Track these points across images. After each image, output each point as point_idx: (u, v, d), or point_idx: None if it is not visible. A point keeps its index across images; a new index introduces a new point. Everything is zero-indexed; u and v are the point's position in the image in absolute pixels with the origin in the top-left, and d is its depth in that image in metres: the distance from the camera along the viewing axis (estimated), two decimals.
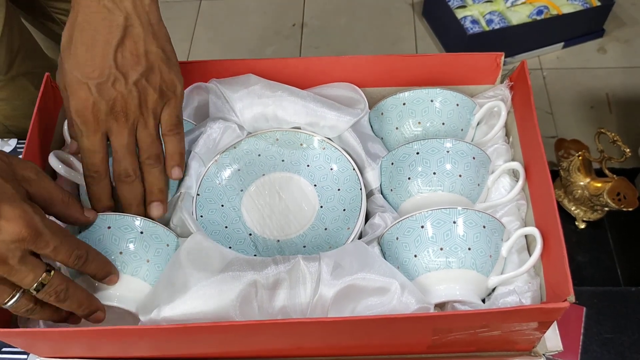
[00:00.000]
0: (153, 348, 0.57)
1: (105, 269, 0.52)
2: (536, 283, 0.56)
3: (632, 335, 0.73)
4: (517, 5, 1.81)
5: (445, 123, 0.65)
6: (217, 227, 0.62)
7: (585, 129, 1.63)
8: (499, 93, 0.67)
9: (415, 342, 0.57)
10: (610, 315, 0.75)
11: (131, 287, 0.55)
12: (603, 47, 1.84)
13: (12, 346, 0.65)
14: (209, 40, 1.46)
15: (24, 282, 0.44)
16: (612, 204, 0.86)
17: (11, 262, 0.42)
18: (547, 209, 0.55)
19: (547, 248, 0.54)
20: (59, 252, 0.46)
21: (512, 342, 0.57)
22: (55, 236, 0.45)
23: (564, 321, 0.62)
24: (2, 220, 0.41)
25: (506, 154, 0.65)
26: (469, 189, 0.61)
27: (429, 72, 0.68)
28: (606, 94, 1.72)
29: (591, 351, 0.71)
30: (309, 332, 0.53)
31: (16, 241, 0.42)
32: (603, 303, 0.76)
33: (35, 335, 0.54)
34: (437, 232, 0.55)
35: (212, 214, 0.62)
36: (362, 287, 0.53)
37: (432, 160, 0.60)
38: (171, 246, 0.57)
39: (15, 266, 0.43)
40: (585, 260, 0.92)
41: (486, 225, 0.55)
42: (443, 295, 0.55)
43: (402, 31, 1.94)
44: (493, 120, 0.67)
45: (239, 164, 0.66)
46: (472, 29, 1.75)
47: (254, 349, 0.59)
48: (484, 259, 0.55)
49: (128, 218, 0.55)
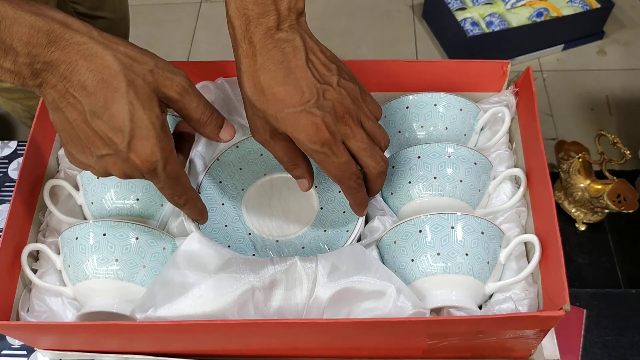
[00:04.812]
0: (151, 344, 0.58)
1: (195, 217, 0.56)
2: (533, 290, 0.56)
3: (632, 337, 0.73)
4: (517, 7, 1.81)
5: (449, 128, 0.65)
6: (216, 225, 0.62)
7: (585, 131, 1.63)
8: (503, 99, 0.67)
9: (410, 346, 0.57)
10: (611, 317, 0.75)
11: (129, 293, 0.55)
12: (603, 49, 1.84)
13: (10, 349, 0.65)
14: (209, 42, 1.46)
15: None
16: (613, 206, 0.86)
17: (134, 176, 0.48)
18: (547, 216, 0.55)
19: (546, 256, 0.54)
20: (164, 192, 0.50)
21: (509, 349, 0.57)
22: (168, 179, 0.48)
23: (564, 324, 0.62)
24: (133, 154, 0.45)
25: (509, 160, 0.65)
26: (470, 195, 0.61)
27: (434, 78, 0.68)
28: (606, 96, 1.72)
29: (591, 353, 0.71)
30: (304, 333, 0.54)
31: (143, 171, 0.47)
32: (603, 305, 0.76)
33: (35, 329, 0.55)
34: (435, 237, 0.55)
35: (212, 212, 0.62)
36: (358, 290, 0.53)
37: (433, 164, 0.60)
38: (168, 249, 0.57)
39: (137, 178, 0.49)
40: (585, 262, 0.91)
41: (485, 231, 0.55)
42: (439, 301, 0.55)
43: (402, 33, 1.94)
44: (497, 126, 0.67)
45: (241, 163, 0.66)
46: (472, 31, 1.75)
47: (250, 347, 0.59)
48: (482, 265, 0.55)
49: (123, 224, 0.56)
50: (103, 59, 0.43)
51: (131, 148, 0.45)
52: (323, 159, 0.51)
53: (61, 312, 0.58)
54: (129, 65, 0.44)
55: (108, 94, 0.43)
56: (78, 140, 0.46)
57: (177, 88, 0.47)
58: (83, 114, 0.44)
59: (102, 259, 0.55)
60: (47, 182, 0.63)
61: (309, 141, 0.49)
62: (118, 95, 0.43)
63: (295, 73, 0.49)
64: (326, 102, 0.49)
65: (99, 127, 0.44)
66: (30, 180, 0.62)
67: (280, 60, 0.48)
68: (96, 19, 1.10)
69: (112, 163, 0.46)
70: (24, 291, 0.60)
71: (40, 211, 0.64)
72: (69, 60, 0.43)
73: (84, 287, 0.56)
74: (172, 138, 0.48)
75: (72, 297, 0.59)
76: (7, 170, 0.79)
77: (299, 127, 0.49)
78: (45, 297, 0.59)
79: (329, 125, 0.49)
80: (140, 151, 0.45)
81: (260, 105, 0.49)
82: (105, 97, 0.43)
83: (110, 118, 0.44)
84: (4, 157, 0.80)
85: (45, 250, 0.59)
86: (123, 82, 0.43)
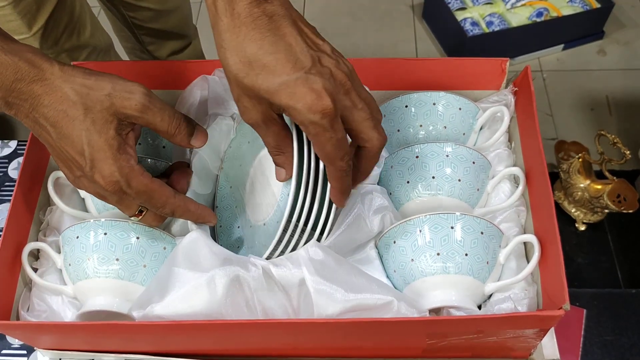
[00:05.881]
0: (150, 343, 0.58)
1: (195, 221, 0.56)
2: (533, 290, 0.56)
3: (632, 337, 0.73)
4: (517, 7, 1.81)
5: (448, 127, 0.65)
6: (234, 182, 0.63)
7: (585, 131, 1.63)
8: (502, 98, 0.67)
9: (410, 346, 0.57)
10: (611, 317, 0.74)
11: (129, 292, 0.56)
12: (603, 49, 1.84)
13: (10, 348, 0.65)
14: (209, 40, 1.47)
15: (127, 213, 0.52)
16: (612, 206, 0.86)
17: (110, 201, 0.51)
18: (546, 216, 0.55)
19: (545, 255, 0.54)
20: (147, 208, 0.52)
21: (508, 349, 0.57)
22: (139, 195, 0.50)
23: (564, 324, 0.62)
24: (97, 176, 0.48)
25: (508, 160, 0.65)
26: (468, 194, 0.61)
27: (433, 76, 0.68)
28: (606, 96, 1.71)
29: (591, 353, 0.71)
30: (303, 333, 0.54)
31: (110, 192, 0.49)
32: (603, 305, 0.76)
33: (36, 328, 0.55)
34: (435, 237, 0.55)
35: (234, 170, 0.62)
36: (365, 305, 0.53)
37: (432, 164, 0.60)
38: (168, 249, 0.57)
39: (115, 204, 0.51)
40: (585, 262, 0.91)
41: (484, 231, 0.55)
42: (439, 301, 0.55)
43: (402, 33, 1.94)
44: (496, 125, 0.67)
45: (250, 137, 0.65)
46: (472, 31, 1.75)
47: (249, 347, 0.59)
48: (481, 265, 0.55)
49: (123, 224, 0.56)
50: (62, 91, 0.47)
51: (94, 170, 0.48)
52: (320, 133, 0.45)
53: (61, 311, 0.59)
54: (86, 95, 0.47)
55: (68, 122, 0.47)
56: (61, 161, 0.50)
57: (137, 107, 0.48)
58: (54, 140, 0.48)
59: (103, 258, 0.55)
60: (51, 174, 0.63)
61: (308, 110, 0.44)
62: (77, 123, 0.47)
63: (285, 40, 0.44)
64: (324, 69, 0.45)
65: (67, 151, 0.48)
66: (31, 179, 0.63)
67: (268, 29, 0.44)
68: (139, 9, 1.11)
69: (86, 184, 0.50)
70: (24, 290, 0.60)
71: (41, 210, 0.64)
72: (34, 95, 0.47)
73: (85, 286, 0.56)
74: (132, 156, 0.49)
75: (72, 296, 0.59)
76: (7, 170, 0.79)
77: (297, 95, 0.44)
78: (46, 296, 0.59)
79: (330, 92, 0.44)
80: (102, 172, 0.48)
81: (249, 81, 0.44)
82: (66, 125, 0.47)
83: (72, 144, 0.48)
84: (4, 157, 0.80)
85: (46, 249, 0.59)
86: (80, 110, 0.47)
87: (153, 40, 1.24)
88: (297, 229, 0.53)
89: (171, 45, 1.27)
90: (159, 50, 1.27)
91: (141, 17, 1.16)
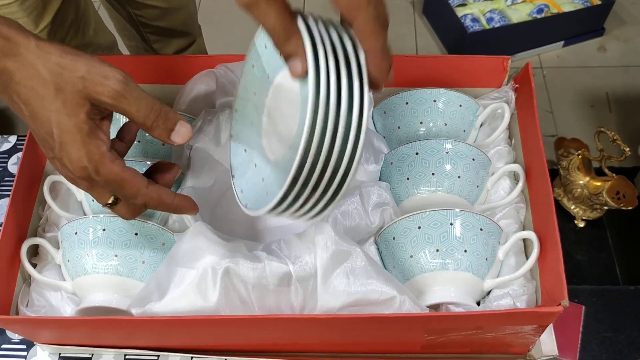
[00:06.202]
0: (150, 339, 0.58)
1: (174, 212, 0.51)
2: (532, 287, 0.56)
3: (630, 334, 0.73)
4: (517, 3, 1.80)
5: (448, 124, 0.65)
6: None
7: (585, 128, 1.63)
8: (503, 94, 0.67)
9: (409, 342, 0.57)
10: (609, 313, 0.75)
11: (128, 288, 0.56)
12: (603, 46, 1.84)
13: (10, 343, 0.65)
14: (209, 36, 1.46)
15: (99, 202, 0.49)
16: (612, 202, 0.86)
17: (81, 186, 0.47)
18: (545, 212, 0.55)
19: (544, 252, 0.54)
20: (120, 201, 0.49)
21: (507, 345, 0.57)
22: (108, 183, 0.47)
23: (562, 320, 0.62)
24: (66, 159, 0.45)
25: (508, 156, 0.65)
26: (468, 190, 0.61)
27: (434, 73, 0.68)
28: (606, 93, 1.71)
29: (590, 350, 0.71)
30: (303, 328, 0.54)
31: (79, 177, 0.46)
32: (602, 302, 0.76)
33: (35, 323, 0.55)
34: (434, 233, 0.55)
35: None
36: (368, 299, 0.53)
37: (431, 160, 0.60)
38: (167, 245, 0.57)
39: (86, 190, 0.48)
40: (584, 258, 0.91)
41: (483, 227, 0.55)
42: (438, 297, 0.55)
43: (402, 29, 1.94)
44: (496, 122, 0.67)
45: None
46: (472, 28, 1.74)
47: (249, 343, 0.59)
48: (480, 261, 0.55)
49: (122, 220, 0.55)
50: (35, 68, 0.44)
51: (62, 153, 0.45)
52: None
53: (60, 307, 0.59)
54: (59, 74, 0.45)
55: (38, 101, 0.45)
56: (38, 140, 0.47)
57: (110, 93, 0.45)
58: (27, 118, 0.46)
59: (102, 254, 0.55)
60: (47, 178, 0.63)
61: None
62: (46, 102, 0.44)
63: None
64: None
65: (39, 131, 0.46)
66: (30, 174, 0.62)
67: None
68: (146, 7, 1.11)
69: (58, 166, 0.47)
70: (23, 285, 0.60)
71: (40, 206, 0.64)
72: (7, 70, 0.44)
73: (83, 282, 0.56)
74: (103, 142, 0.46)
75: (71, 292, 0.59)
76: (6, 165, 0.79)
77: None
78: (45, 291, 0.59)
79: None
80: (69, 156, 0.45)
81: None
82: (36, 104, 0.45)
83: (41, 123, 0.45)
84: (4, 152, 0.80)
85: (45, 244, 0.59)
86: (51, 90, 0.44)
87: (159, 39, 1.23)
88: (323, 145, 0.42)
89: (176, 43, 1.27)
90: (164, 48, 1.26)
91: (147, 15, 1.16)
